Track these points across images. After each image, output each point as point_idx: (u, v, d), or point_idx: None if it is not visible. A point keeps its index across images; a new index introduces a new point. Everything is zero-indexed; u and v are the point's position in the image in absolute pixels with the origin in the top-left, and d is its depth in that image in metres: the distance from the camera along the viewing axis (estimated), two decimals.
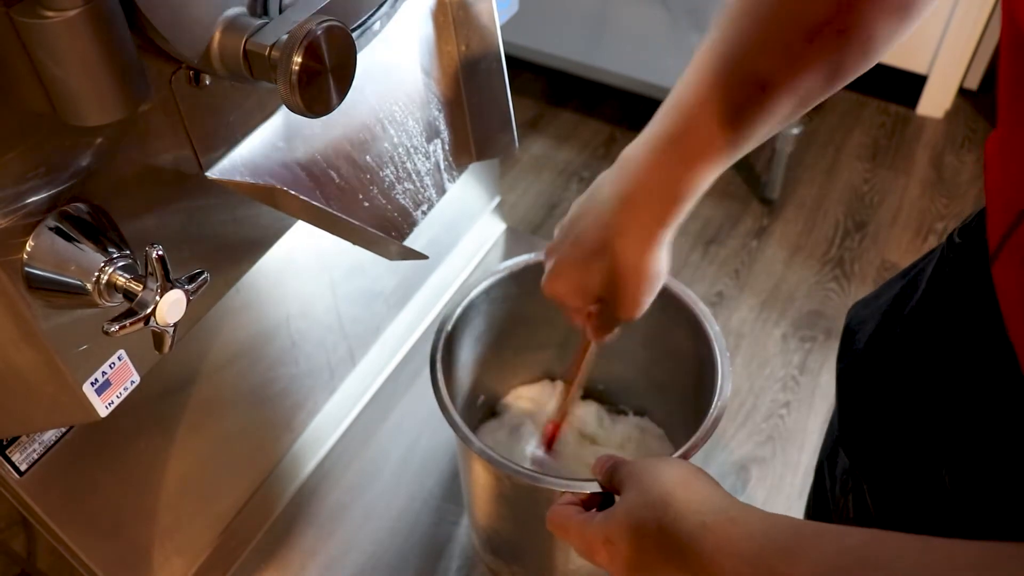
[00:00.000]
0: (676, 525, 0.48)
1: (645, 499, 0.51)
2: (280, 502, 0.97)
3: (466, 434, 0.74)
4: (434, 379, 0.77)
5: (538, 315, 0.94)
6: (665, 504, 0.49)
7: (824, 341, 1.43)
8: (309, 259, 0.89)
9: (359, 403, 1.07)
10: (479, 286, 0.87)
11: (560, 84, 1.95)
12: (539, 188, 1.72)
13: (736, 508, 0.46)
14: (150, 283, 0.45)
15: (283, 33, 0.45)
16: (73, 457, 0.68)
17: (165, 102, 0.49)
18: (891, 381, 0.61)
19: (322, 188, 0.60)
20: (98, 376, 0.51)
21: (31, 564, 0.81)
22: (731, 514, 0.46)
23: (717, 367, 0.77)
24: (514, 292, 0.91)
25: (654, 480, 0.51)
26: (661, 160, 0.57)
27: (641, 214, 0.59)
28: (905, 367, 0.60)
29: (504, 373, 1.01)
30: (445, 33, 0.71)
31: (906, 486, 0.58)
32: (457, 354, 0.87)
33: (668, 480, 0.51)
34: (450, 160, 0.73)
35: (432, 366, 0.78)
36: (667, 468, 0.53)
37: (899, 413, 0.60)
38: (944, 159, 1.78)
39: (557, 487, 0.69)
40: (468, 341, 0.90)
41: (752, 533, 0.43)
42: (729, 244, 1.60)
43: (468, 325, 0.88)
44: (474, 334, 0.90)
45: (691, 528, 0.47)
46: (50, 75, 0.40)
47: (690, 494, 0.49)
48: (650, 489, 0.51)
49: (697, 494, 0.49)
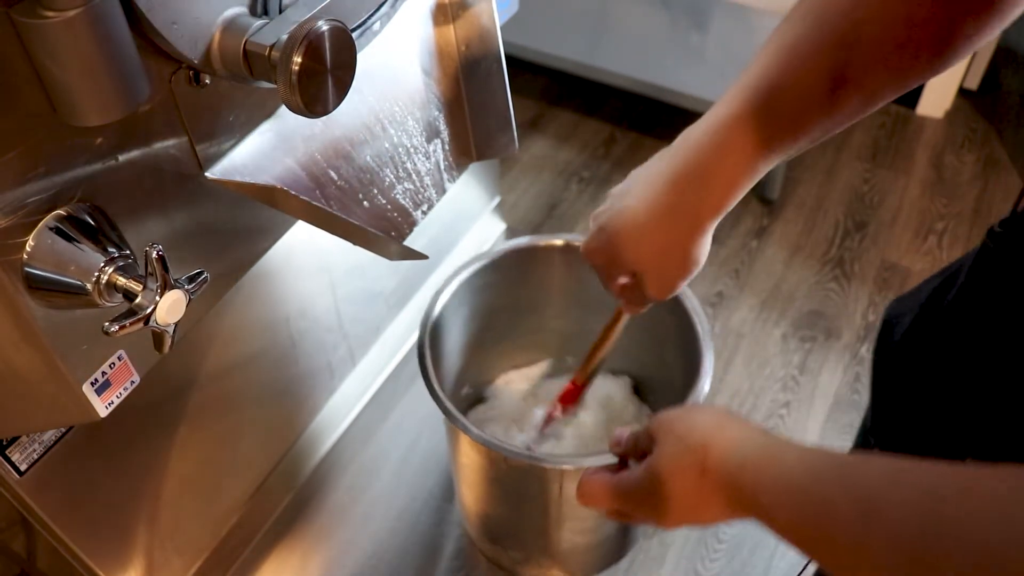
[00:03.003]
0: (718, 466, 0.49)
1: (685, 445, 0.52)
2: (280, 502, 0.97)
3: (457, 417, 0.76)
4: (423, 366, 0.79)
5: (521, 303, 0.96)
6: (706, 448, 0.50)
7: (824, 341, 1.43)
8: (309, 259, 0.89)
9: (359, 403, 1.07)
10: (462, 273, 0.89)
11: (560, 84, 1.95)
12: (539, 188, 1.72)
13: (773, 443, 0.47)
14: (150, 283, 0.45)
15: (283, 33, 0.45)
16: (73, 457, 0.68)
17: (165, 102, 0.49)
18: (926, 371, 0.62)
19: (322, 188, 0.60)
20: (98, 376, 0.51)
21: (31, 564, 0.81)
22: (769, 450, 0.47)
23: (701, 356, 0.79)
24: (496, 279, 0.93)
25: (690, 428, 0.52)
26: (727, 142, 0.55)
27: (691, 198, 0.58)
28: (941, 357, 0.60)
29: (490, 360, 1.03)
30: (445, 33, 0.71)
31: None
32: (443, 343, 0.89)
33: (704, 425, 0.52)
34: (450, 160, 0.73)
35: (421, 357, 0.80)
36: (700, 414, 0.54)
37: (933, 403, 0.61)
38: (944, 159, 1.78)
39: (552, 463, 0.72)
40: (453, 330, 0.91)
41: (789, 464, 0.44)
42: (729, 244, 1.60)
43: (453, 314, 0.90)
44: (459, 322, 0.92)
45: (732, 467, 0.48)
46: (50, 75, 0.40)
47: (728, 435, 0.50)
48: (688, 435, 0.52)
49: (735, 435, 0.50)
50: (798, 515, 0.42)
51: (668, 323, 0.88)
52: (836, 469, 0.41)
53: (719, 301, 1.50)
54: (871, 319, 1.45)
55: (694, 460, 0.51)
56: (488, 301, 0.94)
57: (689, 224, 0.59)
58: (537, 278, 0.96)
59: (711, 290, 1.52)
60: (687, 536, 1.16)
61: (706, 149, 0.56)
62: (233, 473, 0.91)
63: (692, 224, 0.59)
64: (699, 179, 0.57)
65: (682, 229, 0.59)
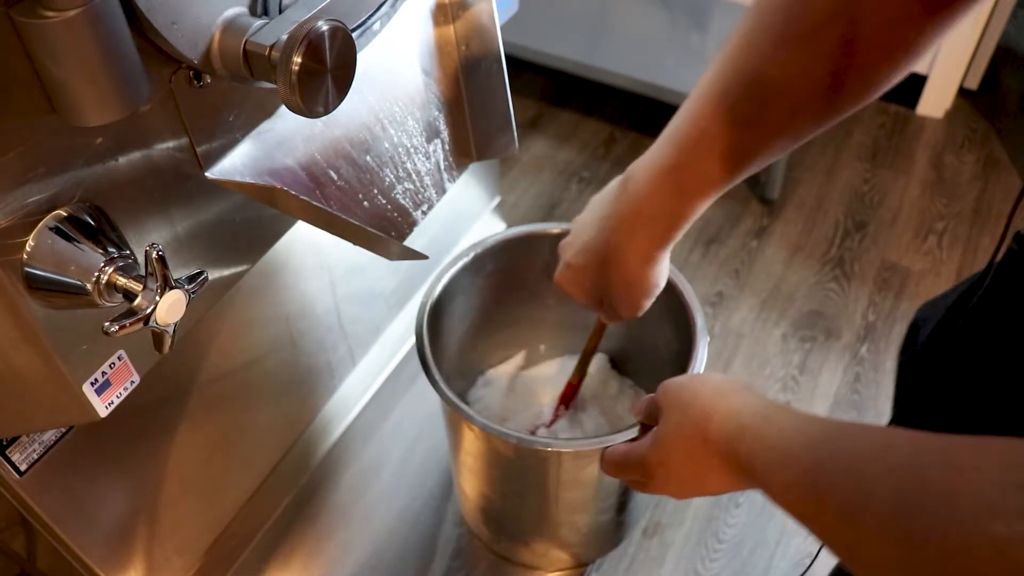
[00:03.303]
0: (718, 434, 0.50)
1: (687, 413, 0.53)
2: (280, 502, 0.97)
3: (459, 405, 0.76)
4: (422, 355, 0.80)
5: (511, 294, 0.97)
6: (707, 415, 0.51)
7: (824, 341, 1.43)
8: (309, 259, 0.89)
9: (359, 403, 1.07)
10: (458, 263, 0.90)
11: (560, 84, 1.95)
12: (539, 188, 1.72)
13: (772, 409, 0.48)
14: (150, 283, 0.45)
15: (283, 33, 0.45)
16: (73, 457, 0.68)
17: (165, 102, 0.49)
18: (950, 373, 0.63)
19: (322, 188, 0.60)
20: (98, 376, 0.51)
21: (31, 564, 0.81)
22: (768, 417, 0.47)
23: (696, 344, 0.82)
24: (492, 268, 0.94)
25: (694, 395, 0.54)
26: (661, 189, 0.59)
27: (638, 236, 0.62)
28: (963, 361, 0.61)
29: (485, 349, 1.04)
30: (445, 33, 0.71)
31: None
32: (441, 334, 0.90)
33: (707, 392, 0.53)
34: (450, 160, 0.73)
35: (419, 345, 0.81)
36: (705, 382, 0.55)
37: (954, 406, 0.61)
38: (944, 159, 1.78)
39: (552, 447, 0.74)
40: (449, 321, 0.92)
41: (786, 431, 0.45)
42: (729, 244, 1.60)
43: (449, 304, 0.91)
44: (456, 313, 0.93)
45: (731, 435, 0.49)
46: (50, 75, 0.40)
47: (729, 402, 0.51)
48: (691, 403, 0.53)
49: (736, 401, 0.51)
50: (791, 482, 0.43)
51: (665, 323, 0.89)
52: (830, 436, 0.42)
53: (719, 301, 1.50)
54: (871, 319, 1.45)
55: (696, 429, 0.52)
56: (481, 291, 0.95)
57: (642, 258, 0.63)
58: (528, 267, 0.97)
59: (711, 290, 1.52)
60: (687, 536, 1.16)
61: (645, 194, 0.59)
62: (233, 473, 0.91)
63: (645, 258, 0.63)
64: (644, 222, 0.61)
65: (637, 262, 0.63)
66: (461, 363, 0.99)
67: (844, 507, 0.38)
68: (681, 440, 0.54)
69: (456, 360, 0.96)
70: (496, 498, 0.91)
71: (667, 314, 0.86)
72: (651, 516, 1.18)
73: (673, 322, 0.87)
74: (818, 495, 0.40)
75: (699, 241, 1.60)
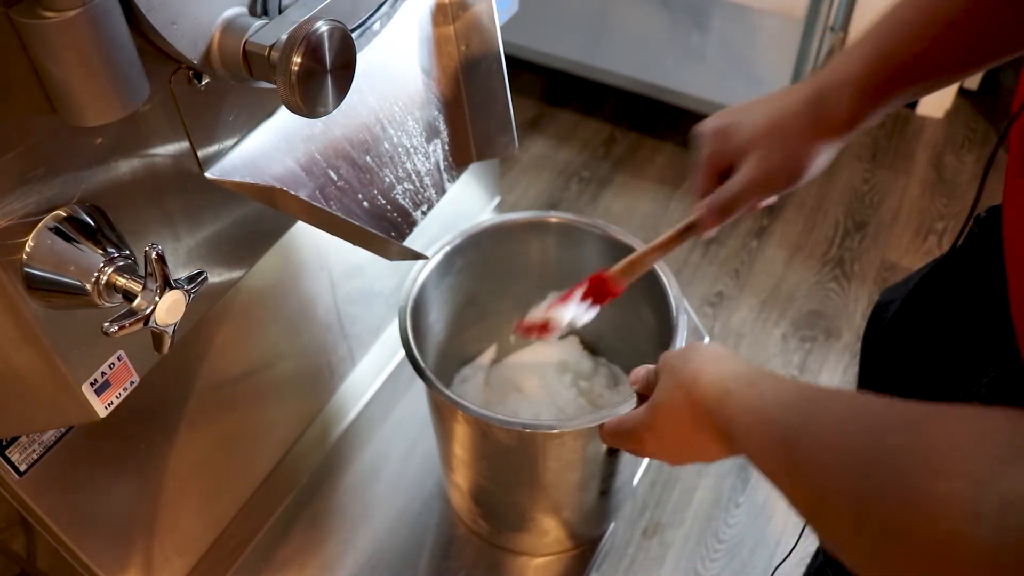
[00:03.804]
0: (703, 395, 0.51)
1: (677, 380, 0.54)
2: (280, 502, 0.97)
3: (459, 401, 0.76)
4: (412, 358, 0.79)
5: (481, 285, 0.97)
6: (694, 380, 0.52)
7: (824, 341, 1.43)
8: (309, 259, 0.89)
9: (359, 403, 1.07)
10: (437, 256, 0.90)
11: (560, 84, 1.95)
12: (539, 188, 1.72)
13: (757, 374, 0.48)
14: (150, 283, 0.45)
15: (283, 33, 0.45)
16: (73, 457, 0.68)
17: (165, 102, 0.49)
18: (912, 349, 0.64)
19: (322, 188, 0.60)
20: (97, 376, 0.51)
21: (31, 564, 0.81)
22: (751, 378, 0.48)
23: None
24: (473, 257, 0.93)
25: (685, 363, 0.54)
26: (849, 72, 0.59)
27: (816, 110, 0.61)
28: (927, 336, 0.63)
29: (460, 346, 1.04)
30: (445, 33, 0.71)
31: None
32: (423, 335, 0.89)
33: (697, 359, 0.53)
34: (450, 160, 0.73)
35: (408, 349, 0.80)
36: (698, 350, 0.55)
37: (917, 380, 0.63)
38: (944, 159, 1.78)
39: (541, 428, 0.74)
40: (426, 321, 0.92)
41: (763, 392, 0.45)
42: (729, 244, 1.60)
43: (425, 304, 0.90)
44: (432, 313, 0.93)
45: (716, 395, 0.50)
46: (50, 75, 0.40)
47: (717, 367, 0.51)
48: (681, 370, 0.54)
49: (723, 367, 0.51)
50: (765, 445, 0.43)
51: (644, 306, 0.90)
52: (805, 400, 0.42)
53: (719, 301, 1.50)
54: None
55: (684, 394, 0.52)
56: (453, 289, 0.95)
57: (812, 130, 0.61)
58: (497, 259, 0.97)
59: (711, 290, 1.52)
60: (687, 536, 1.16)
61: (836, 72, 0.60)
62: (233, 473, 0.91)
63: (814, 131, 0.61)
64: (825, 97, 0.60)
65: (800, 130, 0.62)
66: (440, 362, 0.98)
67: (812, 469, 0.38)
68: (670, 405, 0.54)
69: (436, 360, 0.96)
70: (494, 488, 0.90)
71: (643, 292, 0.86)
72: (651, 516, 1.18)
73: (649, 299, 0.87)
74: (790, 457, 0.40)
75: (699, 241, 1.60)
